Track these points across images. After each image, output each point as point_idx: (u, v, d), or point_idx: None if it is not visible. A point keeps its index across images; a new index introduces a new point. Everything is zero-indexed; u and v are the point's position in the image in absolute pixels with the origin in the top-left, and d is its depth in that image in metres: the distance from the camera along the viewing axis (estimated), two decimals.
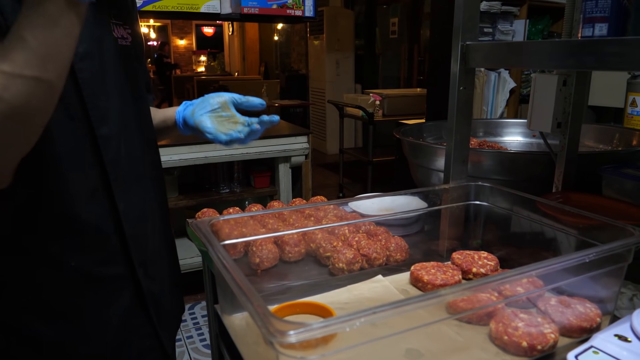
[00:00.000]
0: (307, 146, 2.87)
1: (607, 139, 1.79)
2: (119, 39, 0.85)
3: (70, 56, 0.64)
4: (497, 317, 0.75)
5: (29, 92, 0.59)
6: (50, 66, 0.61)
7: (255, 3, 2.43)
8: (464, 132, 1.10)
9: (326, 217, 1.08)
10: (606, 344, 0.61)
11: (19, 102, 0.59)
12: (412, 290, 0.93)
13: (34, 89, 0.60)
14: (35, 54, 0.59)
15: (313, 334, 0.50)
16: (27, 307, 0.78)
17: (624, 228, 0.79)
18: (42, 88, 0.61)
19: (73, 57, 0.69)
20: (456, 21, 1.03)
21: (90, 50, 0.77)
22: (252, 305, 0.54)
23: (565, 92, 1.20)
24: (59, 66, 0.63)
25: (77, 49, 0.73)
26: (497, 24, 2.85)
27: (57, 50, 0.61)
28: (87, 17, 0.75)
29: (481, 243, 1.08)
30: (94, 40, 0.78)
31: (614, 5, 0.77)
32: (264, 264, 0.98)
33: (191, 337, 2.53)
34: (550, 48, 0.84)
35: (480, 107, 2.89)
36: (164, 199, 1.02)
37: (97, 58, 0.78)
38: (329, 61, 6.51)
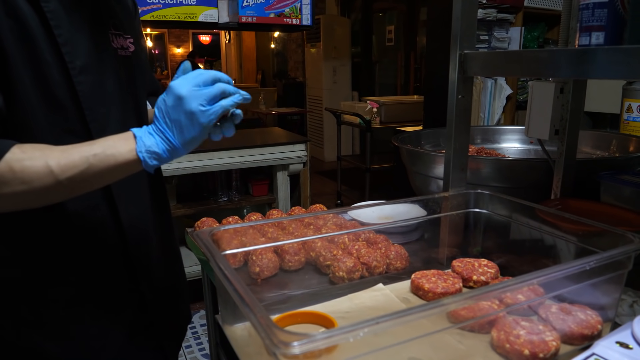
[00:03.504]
0: (305, 154, 2.87)
1: (604, 145, 1.79)
2: (118, 49, 0.85)
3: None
4: (499, 325, 0.75)
5: (50, 189, 0.68)
6: (81, 187, 0.71)
7: (253, 12, 2.45)
8: (462, 140, 1.11)
9: (326, 226, 1.08)
10: (608, 351, 0.61)
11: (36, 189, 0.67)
12: (413, 298, 0.93)
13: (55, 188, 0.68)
14: (82, 176, 0.69)
15: (317, 345, 0.50)
16: (33, 326, 0.78)
17: (623, 235, 0.80)
18: (60, 191, 0.69)
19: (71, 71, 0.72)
20: (454, 30, 1.04)
21: (89, 64, 0.77)
22: (255, 316, 0.54)
23: (562, 99, 1.21)
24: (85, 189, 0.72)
25: (76, 63, 0.75)
26: (493, 32, 2.87)
27: (99, 184, 0.73)
28: (85, 30, 0.76)
29: (481, 250, 1.08)
30: (92, 53, 0.78)
31: (610, 14, 0.78)
32: (264, 273, 0.98)
33: (190, 346, 2.51)
34: (548, 57, 0.85)
35: (477, 114, 2.90)
36: (166, 209, 1.01)
37: (95, 71, 0.78)
38: (326, 69, 6.53)
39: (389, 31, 6.45)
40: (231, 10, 2.47)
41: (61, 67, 0.74)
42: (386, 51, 6.62)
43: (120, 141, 0.71)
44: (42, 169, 0.66)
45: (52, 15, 0.72)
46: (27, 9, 0.69)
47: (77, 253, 0.79)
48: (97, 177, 0.70)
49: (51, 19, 0.72)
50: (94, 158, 0.68)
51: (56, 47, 0.73)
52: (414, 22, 5.96)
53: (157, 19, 2.27)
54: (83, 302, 0.81)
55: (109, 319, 0.84)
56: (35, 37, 0.71)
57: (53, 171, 0.66)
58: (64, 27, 0.74)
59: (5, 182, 0.65)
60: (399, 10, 6.29)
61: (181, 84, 0.71)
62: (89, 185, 0.72)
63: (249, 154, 2.71)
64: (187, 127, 0.71)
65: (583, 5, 0.81)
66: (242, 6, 2.41)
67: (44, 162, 0.66)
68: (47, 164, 0.66)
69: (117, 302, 0.85)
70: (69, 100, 0.75)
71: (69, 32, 0.74)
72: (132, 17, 0.94)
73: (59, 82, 0.74)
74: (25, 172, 0.65)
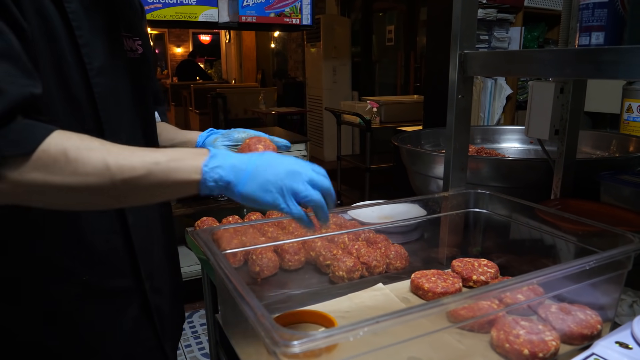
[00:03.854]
0: (306, 154, 2.87)
1: (604, 145, 1.80)
2: (128, 51, 0.86)
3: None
4: (498, 325, 0.75)
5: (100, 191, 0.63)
6: (137, 197, 0.68)
7: (253, 12, 2.45)
8: (462, 140, 1.11)
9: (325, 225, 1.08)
10: (607, 351, 0.61)
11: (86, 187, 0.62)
12: (413, 298, 0.93)
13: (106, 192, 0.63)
14: (137, 183, 0.64)
15: (317, 344, 0.50)
16: (39, 320, 0.78)
17: (623, 235, 0.80)
18: (110, 195, 0.64)
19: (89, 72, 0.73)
20: (454, 30, 1.04)
21: (105, 65, 0.78)
22: (256, 315, 0.54)
23: (562, 99, 1.21)
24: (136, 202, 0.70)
25: (94, 64, 0.75)
26: (493, 31, 2.87)
27: (149, 198, 0.70)
28: (101, 31, 0.77)
29: (481, 250, 1.09)
30: (107, 55, 0.79)
31: (610, 15, 0.78)
32: (264, 273, 0.98)
33: (190, 345, 2.51)
34: (548, 57, 0.85)
35: (477, 113, 2.90)
36: (167, 210, 1.01)
37: (110, 72, 0.79)
38: (326, 68, 6.53)
39: (389, 31, 6.45)
40: (231, 9, 2.47)
41: (80, 67, 0.74)
42: (386, 51, 6.61)
43: (187, 153, 0.67)
44: (99, 163, 0.61)
45: (74, 16, 0.72)
46: (51, 8, 0.70)
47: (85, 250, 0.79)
48: (151, 189, 0.65)
49: (73, 20, 0.72)
50: (156, 166, 0.63)
51: (76, 47, 0.73)
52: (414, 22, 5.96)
53: (158, 18, 2.27)
54: (89, 299, 0.81)
55: (114, 317, 0.84)
56: (59, 36, 0.71)
57: (110, 168, 0.61)
58: (84, 28, 0.74)
59: (57, 168, 0.59)
60: (399, 10, 6.29)
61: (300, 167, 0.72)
62: (140, 197, 0.67)
63: None
64: (267, 193, 0.66)
65: (583, 5, 0.82)
66: (242, 6, 2.41)
67: (102, 157, 0.61)
68: (105, 159, 0.61)
69: (122, 301, 0.85)
70: (85, 100, 0.75)
71: (88, 33, 0.75)
72: (140, 19, 0.94)
73: (78, 82, 0.74)
74: (79, 162, 0.60)
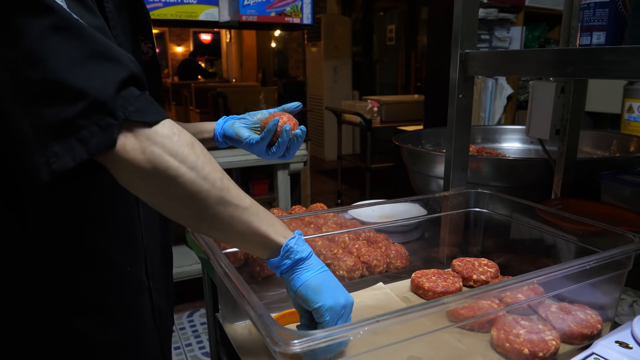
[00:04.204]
0: (306, 153, 2.87)
1: (605, 145, 1.80)
2: (142, 54, 0.86)
3: None
4: (499, 324, 0.75)
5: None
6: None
7: (254, 11, 2.45)
8: (463, 139, 1.11)
9: (326, 225, 1.08)
10: (607, 351, 0.62)
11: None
12: (413, 297, 0.93)
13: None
14: (225, 215, 0.62)
15: (317, 344, 0.50)
16: (82, 309, 0.78)
17: (623, 235, 0.80)
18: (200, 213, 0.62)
19: None
20: (455, 30, 1.04)
21: None
22: (256, 314, 0.54)
23: (563, 99, 1.21)
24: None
25: None
26: (494, 31, 2.87)
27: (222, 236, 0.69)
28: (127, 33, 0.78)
29: (481, 250, 1.09)
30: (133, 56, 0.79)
31: (611, 14, 0.78)
32: (265, 272, 0.98)
33: (190, 344, 2.51)
34: (549, 56, 0.85)
35: (477, 113, 2.90)
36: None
37: None
38: (327, 68, 6.53)
39: (389, 30, 6.45)
40: (232, 9, 2.47)
41: None
42: (387, 50, 6.61)
43: (281, 225, 0.69)
44: (215, 171, 0.61)
45: (111, 16, 0.73)
46: (94, 6, 0.71)
47: (126, 244, 0.80)
48: (238, 226, 0.64)
49: (110, 19, 0.73)
50: (254, 205, 0.65)
51: None
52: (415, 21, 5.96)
53: (158, 17, 2.27)
54: (132, 292, 0.82)
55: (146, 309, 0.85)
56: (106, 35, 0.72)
57: (223, 180, 0.61)
58: (118, 28, 0.75)
59: (180, 154, 0.58)
60: (399, 10, 6.29)
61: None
62: (216, 231, 0.66)
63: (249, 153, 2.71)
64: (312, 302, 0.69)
65: (584, 5, 0.82)
66: (243, 5, 2.41)
67: (218, 168, 0.62)
68: (220, 170, 0.62)
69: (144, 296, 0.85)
70: None
71: (122, 34, 0.76)
72: (149, 24, 0.94)
73: None
74: (200, 159, 0.60)
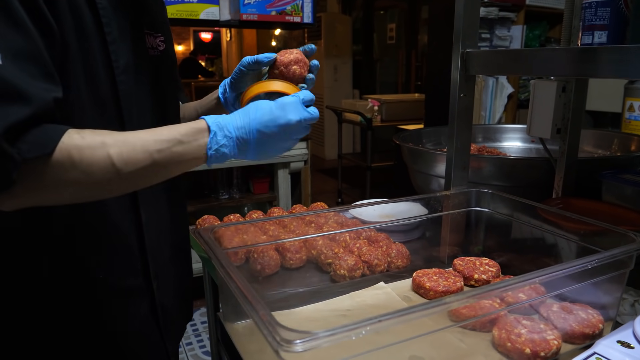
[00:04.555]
0: (307, 152, 2.87)
1: (606, 144, 1.79)
2: (149, 49, 0.85)
3: None
4: (500, 324, 0.75)
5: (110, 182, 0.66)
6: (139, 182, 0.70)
7: (254, 10, 2.44)
8: (464, 139, 1.11)
9: (327, 224, 1.08)
10: (609, 350, 0.62)
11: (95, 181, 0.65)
12: (414, 297, 0.93)
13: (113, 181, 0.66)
14: (145, 172, 0.67)
15: (319, 343, 0.50)
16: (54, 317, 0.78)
17: (625, 234, 0.80)
18: (121, 184, 0.68)
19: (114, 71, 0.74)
20: (456, 28, 1.04)
21: (130, 64, 0.78)
22: (258, 313, 0.54)
23: (564, 98, 1.21)
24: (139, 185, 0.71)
25: (120, 62, 0.76)
26: (495, 30, 2.87)
27: (162, 179, 0.72)
28: (126, 29, 0.77)
29: (482, 249, 1.09)
30: (132, 54, 0.79)
31: (613, 13, 0.78)
32: (265, 271, 0.98)
33: (190, 344, 2.51)
34: (550, 56, 0.85)
35: (478, 112, 2.90)
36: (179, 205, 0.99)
37: (134, 71, 0.79)
38: (327, 67, 6.52)
39: (390, 29, 6.44)
40: (232, 7, 2.47)
41: (107, 65, 0.74)
42: (387, 49, 6.61)
43: (191, 135, 0.70)
44: (103, 161, 0.63)
45: (104, 13, 0.73)
46: (84, 5, 0.70)
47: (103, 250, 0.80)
48: (158, 174, 0.70)
49: (103, 16, 0.73)
50: (158, 154, 0.67)
51: (104, 45, 0.73)
52: (415, 20, 5.96)
53: None
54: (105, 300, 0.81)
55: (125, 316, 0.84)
56: (90, 33, 0.71)
57: (115, 164, 0.64)
58: (113, 25, 0.74)
59: (64, 169, 0.62)
60: (400, 9, 6.29)
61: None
62: (151, 180, 0.71)
63: None
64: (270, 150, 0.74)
65: (586, 4, 0.81)
66: (244, 4, 2.41)
67: (105, 153, 0.63)
68: (108, 155, 0.63)
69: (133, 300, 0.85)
70: (110, 99, 0.75)
71: (116, 31, 0.75)
72: (162, 13, 0.93)
73: (104, 80, 0.74)
74: (84, 162, 0.62)
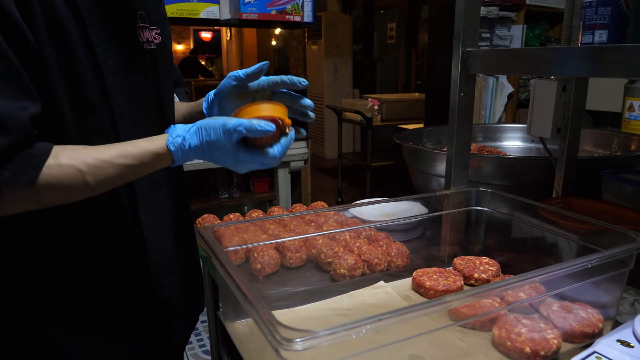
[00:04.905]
0: (306, 151, 2.87)
1: (606, 144, 1.79)
2: (144, 43, 0.82)
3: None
4: (500, 323, 0.75)
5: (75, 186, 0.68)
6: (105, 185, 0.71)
7: (255, 9, 2.44)
8: (464, 138, 1.11)
9: (327, 223, 1.08)
10: (609, 350, 0.62)
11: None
12: (414, 296, 0.93)
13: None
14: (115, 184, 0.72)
15: (319, 342, 0.50)
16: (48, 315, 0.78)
17: (625, 233, 0.80)
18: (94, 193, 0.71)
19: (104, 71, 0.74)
20: (457, 28, 1.04)
21: (120, 63, 0.76)
22: (258, 312, 0.54)
23: (564, 97, 1.21)
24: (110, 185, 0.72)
25: (108, 63, 0.74)
26: (495, 29, 2.87)
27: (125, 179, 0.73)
28: (116, 27, 0.75)
29: (482, 248, 1.09)
30: (123, 52, 0.77)
31: (613, 13, 0.78)
32: (265, 270, 0.98)
33: (190, 342, 2.52)
34: (551, 55, 0.85)
35: (478, 112, 2.90)
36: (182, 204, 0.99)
37: (126, 70, 0.77)
38: (327, 66, 6.52)
39: (390, 28, 6.43)
40: (233, 6, 2.46)
41: (94, 67, 0.72)
42: (387, 48, 6.61)
43: (148, 144, 0.72)
44: (79, 182, 0.67)
45: (87, 14, 0.70)
46: (62, 6, 0.67)
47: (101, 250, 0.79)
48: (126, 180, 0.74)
49: (86, 17, 0.70)
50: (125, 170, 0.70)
51: (89, 46, 0.71)
52: (416, 19, 5.95)
53: None
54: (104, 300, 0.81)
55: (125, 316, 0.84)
56: (70, 36, 0.69)
57: (89, 184, 0.68)
58: (98, 25, 0.71)
59: (44, 195, 0.67)
60: (400, 8, 6.28)
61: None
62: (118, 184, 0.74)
63: None
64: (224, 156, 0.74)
65: (586, 3, 0.81)
66: (244, 3, 2.41)
67: (81, 177, 0.67)
68: (84, 178, 0.67)
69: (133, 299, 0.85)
70: (99, 100, 0.74)
71: (102, 31, 0.72)
72: (158, 6, 0.90)
73: (91, 82, 0.72)
74: (62, 187, 0.67)
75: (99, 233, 0.79)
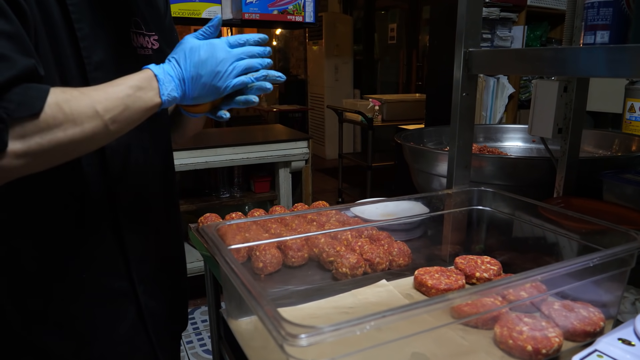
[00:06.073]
0: (307, 151, 2.88)
1: (606, 145, 1.80)
2: (138, 48, 0.85)
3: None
4: (502, 321, 0.75)
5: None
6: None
7: (256, 9, 2.45)
8: (466, 138, 1.11)
9: (329, 222, 1.09)
10: (610, 348, 0.62)
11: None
12: (416, 294, 0.93)
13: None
14: (121, 117, 0.70)
15: (324, 337, 0.50)
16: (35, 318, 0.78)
17: (626, 233, 0.80)
18: (103, 132, 0.69)
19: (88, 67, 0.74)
20: (459, 28, 1.04)
21: (106, 61, 0.77)
22: (263, 309, 0.54)
23: (566, 98, 1.21)
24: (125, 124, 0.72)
25: (92, 58, 0.75)
26: (496, 30, 2.87)
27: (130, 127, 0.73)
28: (105, 26, 0.76)
29: (484, 248, 1.09)
30: (110, 51, 0.78)
31: (615, 13, 0.78)
32: (268, 269, 0.98)
33: (191, 342, 2.52)
34: (553, 55, 0.85)
35: (479, 112, 2.90)
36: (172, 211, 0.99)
37: (112, 68, 0.78)
38: (328, 66, 6.53)
39: (391, 29, 6.44)
40: (235, 6, 2.47)
41: (78, 61, 0.74)
42: (388, 49, 6.61)
43: (143, 82, 0.72)
44: (89, 110, 0.65)
45: (74, 9, 0.73)
46: (53, 2, 0.70)
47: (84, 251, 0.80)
48: (130, 119, 0.71)
49: (73, 12, 0.72)
50: (129, 99, 0.69)
51: (75, 40, 0.73)
52: (417, 20, 5.96)
53: None
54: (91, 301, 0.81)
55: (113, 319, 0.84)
56: (59, 28, 0.71)
57: (98, 112, 0.66)
58: (85, 21, 0.74)
59: (59, 123, 0.63)
60: (401, 8, 6.29)
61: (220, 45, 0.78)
62: (124, 127, 0.72)
63: (251, 151, 2.72)
64: (206, 88, 0.76)
65: (588, 4, 0.82)
66: (246, 3, 2.42)
67: (89, 102, 0.65)
68: (92, 104, 0.65)
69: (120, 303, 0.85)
70: None
71: (89, 27, 0.74)
72: (160, 13, 0.92)
73: (75, 76, 0.74)
74: (75, 113, 0.64)
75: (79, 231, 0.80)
